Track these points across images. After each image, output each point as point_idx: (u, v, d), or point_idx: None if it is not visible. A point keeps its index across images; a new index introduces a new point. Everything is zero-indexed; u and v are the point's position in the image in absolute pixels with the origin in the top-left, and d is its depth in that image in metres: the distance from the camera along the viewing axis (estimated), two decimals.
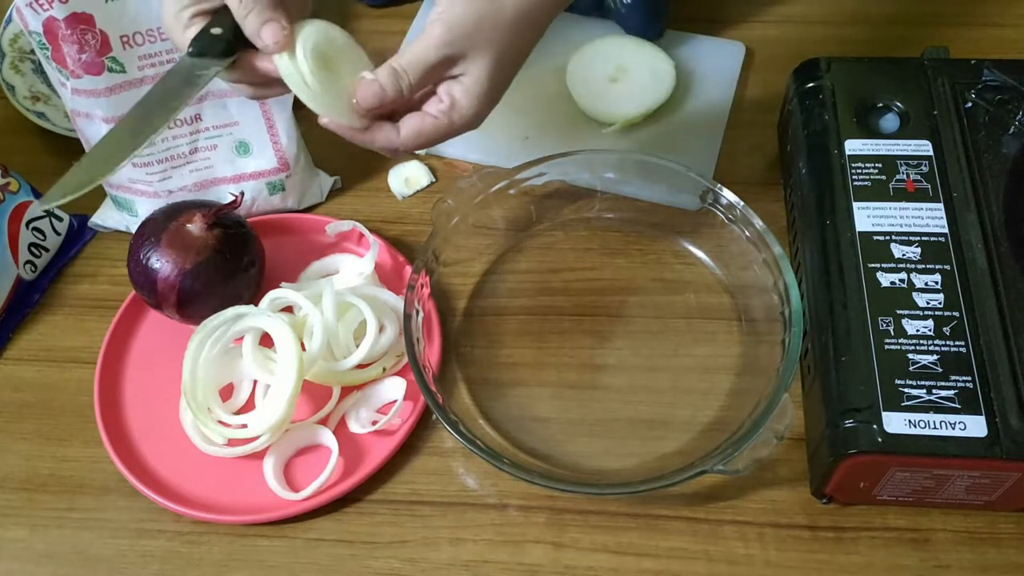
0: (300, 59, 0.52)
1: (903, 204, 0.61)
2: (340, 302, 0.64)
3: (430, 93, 0.53)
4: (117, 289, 0.71)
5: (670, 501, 0.59)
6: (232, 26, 0.53)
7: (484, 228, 0.70)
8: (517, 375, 0.65)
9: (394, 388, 0.63)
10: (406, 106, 0.54)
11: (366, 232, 0.70)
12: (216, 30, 0.53)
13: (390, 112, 0.54)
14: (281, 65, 0.52)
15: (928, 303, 0.56)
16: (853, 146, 0.64)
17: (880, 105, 0.66)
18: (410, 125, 0.53)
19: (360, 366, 0.64)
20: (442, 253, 0.67)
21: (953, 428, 0.52)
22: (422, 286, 0.64)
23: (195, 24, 0.53)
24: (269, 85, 0.55)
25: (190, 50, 0.53)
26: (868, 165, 0.63)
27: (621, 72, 0.77)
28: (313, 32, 0.53)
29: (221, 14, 0.53)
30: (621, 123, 0.75)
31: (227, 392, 0.65)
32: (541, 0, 0.51)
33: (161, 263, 0.63)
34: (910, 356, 0.54)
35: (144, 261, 0.63)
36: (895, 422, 0.52)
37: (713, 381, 0.63)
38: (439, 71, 0.52)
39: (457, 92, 0.52)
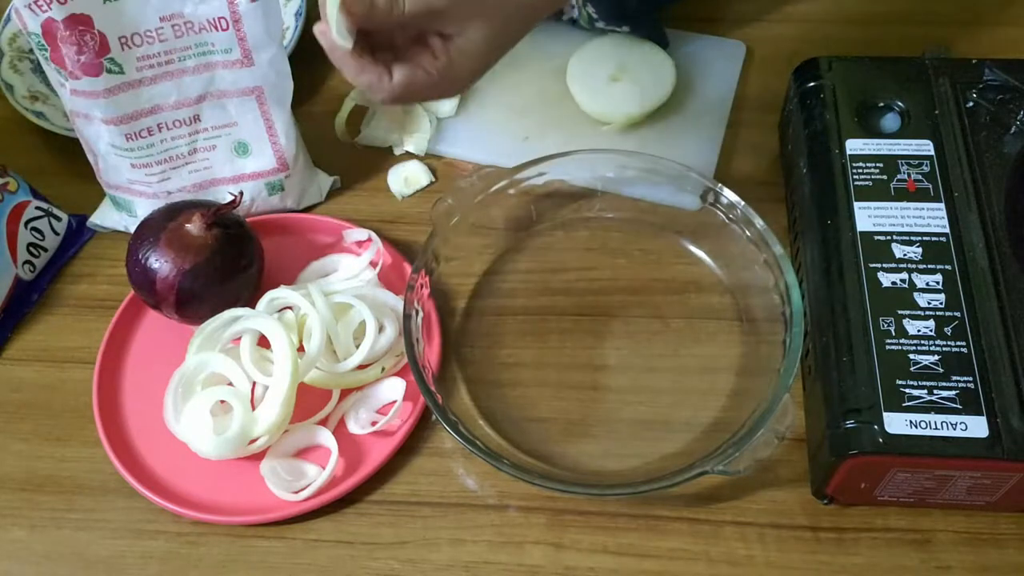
0: None
1: (904, 204, 0.61)
2: (339, 303, 0.64)
3: (416, 45, 0.50)
4: (116, 289, 0.71)
5: (671, 502, 0.59)
6: None
7: (484, 228, 0.70)
8: (517, 375, 0.65)
9: (393, 389, 0.63)
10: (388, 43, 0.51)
11: (376, 239, 0.69)
12: None
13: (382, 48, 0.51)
14: None
15: (929, 303, 0.56)
16: (854, 146, 0.64)
17: (881, 105, 0.66)
18: (403, 74, 0.50)
19: (359, 367, 0.63)
20: (442, 253, 0.67)
21: (954, 429, 0.52)
22: (421, 286, 0.64)
23: None
24: None
25: None
26: (869, 165, 0.63)
27: (621, 71, 0.76)
28: None
29: None
30: (621, 122, 0.75)
31: None
32: None
33: (160, 263, 0.63)
34: (911, 356, 0.54)
35: (143, 261, 0.63)
36: (896, 423, 0.52)
37: (714, 381, 0.63)
38: (438, 20, 0.49)
39: (455, 53, 0.49)
